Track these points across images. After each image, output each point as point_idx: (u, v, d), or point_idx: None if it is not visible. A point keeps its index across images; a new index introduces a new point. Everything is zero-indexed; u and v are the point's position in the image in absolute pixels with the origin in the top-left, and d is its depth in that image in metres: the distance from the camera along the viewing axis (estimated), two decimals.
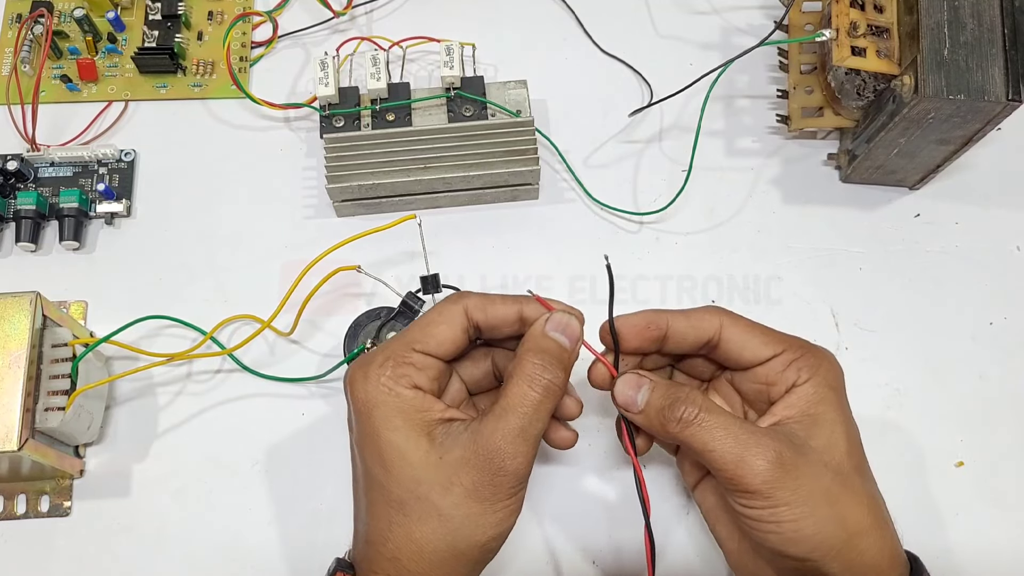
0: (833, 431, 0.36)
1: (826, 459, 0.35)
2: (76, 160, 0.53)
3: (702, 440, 0.35)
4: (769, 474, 0.34)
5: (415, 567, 0.34)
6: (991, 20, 0.44)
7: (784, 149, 0.55)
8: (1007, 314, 0.51)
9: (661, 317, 0.38)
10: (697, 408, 0.35)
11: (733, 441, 0.34)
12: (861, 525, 0.35)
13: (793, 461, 0.34)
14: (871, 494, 0.36)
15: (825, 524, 0.34)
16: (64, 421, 0.42)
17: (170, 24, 0.57)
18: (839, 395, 0.37)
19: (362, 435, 0.36)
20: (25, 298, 0.42)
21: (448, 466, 0.34)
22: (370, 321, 0.45)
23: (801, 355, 0.37)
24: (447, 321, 0.37)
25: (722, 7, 0.59)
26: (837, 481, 0.35)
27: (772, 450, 0.34)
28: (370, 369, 0.36)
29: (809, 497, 0.34)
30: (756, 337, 0.38)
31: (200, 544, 0.45)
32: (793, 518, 0.34)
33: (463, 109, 0.54)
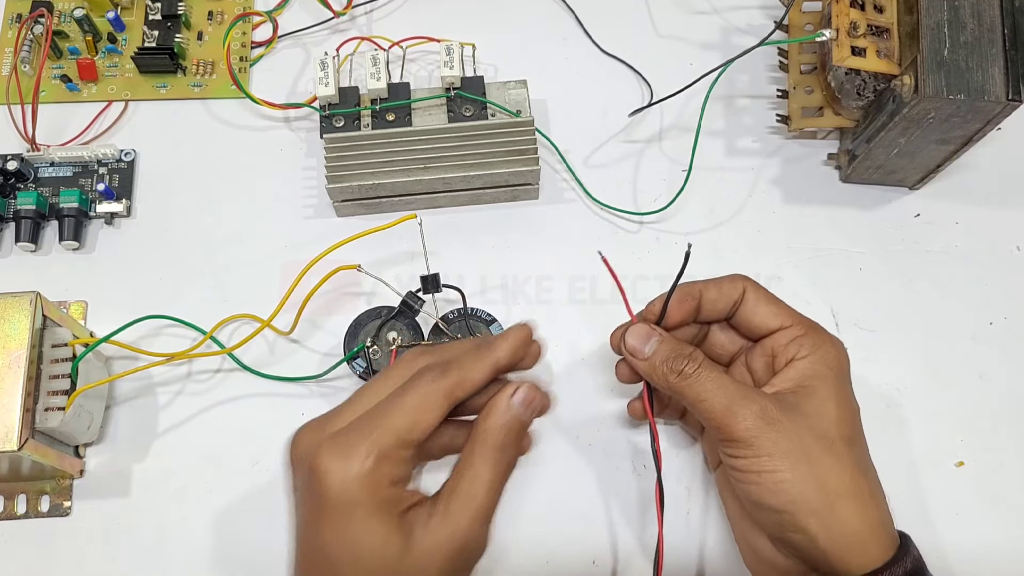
0: (823, 403, 0.38)
1: (812, 424, 0.37)
2: (76, 160, 0.53)
3: (696, 392, 0.37)
4: (752, 423, 0.36)
5: None
6: (991, 20, 0.44)
7: (784, 149, 0.55)
8: (1007, 314, 0.51)
9: (694, 288, 0.41)
10: (697, 364, 0.38)
11: (723, 394, 0.37)
12: (842, 489, 0.36)
13: (777, 417, 0.36)
14: (858, 464, 0.37)
15: (804, 480, 0.36)
16: (64, 421, 0.42)
17: (170, 24, 0.57)
18: (836, 375, 0.39)
19: (329, 526, 0.33)
20: (25, 298, 0.42)
21: (421, 557, 0.33)
22: (370, 320, 0.45)
23: (805, 332, 0.39)
24: (432, 409, 0.34)
25: (722, 7, 0.59)
26: (821, 444, 0.36)
27: (757, 404, 0.37)
28: (352, 461, 0.33)
29: (790, 452, 0.36)
30: (769, 307, 0.40)
31: (200, 544, 0.45)
32: (772, 468, 0.36)
33: (463, 109, 0.54)
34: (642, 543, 0.45)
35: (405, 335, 0.45)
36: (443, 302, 0.45)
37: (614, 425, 0.48)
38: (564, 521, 0.46)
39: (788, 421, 0.36)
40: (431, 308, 0.44)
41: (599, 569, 0.45)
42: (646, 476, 0.46)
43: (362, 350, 0.44)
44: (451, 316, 0.45)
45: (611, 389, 0.49)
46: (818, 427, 0.37)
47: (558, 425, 0.48)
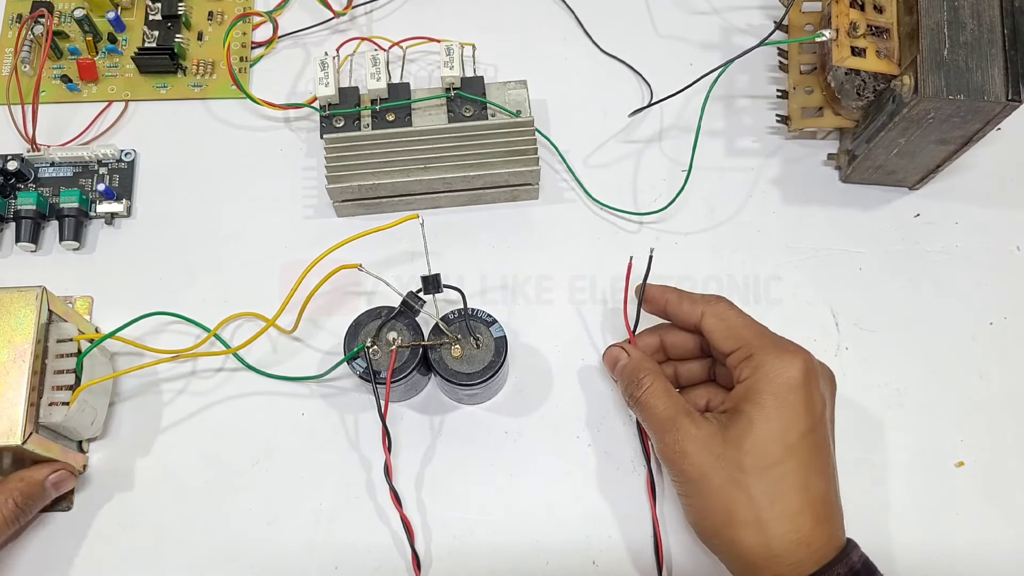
0: (741, 428, 0.39)
1: (722, 452, 0.39)
2: (76, 160, 0.53)
3: (640, 415, 0.43)
4: (667, 456, 0.40)
5: None
6: (991, 20, 0.44)
7: (784, 149, 0.55)
8: (1007, 314, 0.51)
9: (662, 294, 0.45)
10: (642, 390, 0.42)
11: (654, 423, 0.41)
12: (733, 517, 0.38)
13: (683, 448, 0.40)
14: (765, 495, 0.38)
15: (700, 506, 0.40)
16: (68, 416, 0.42)
17: (170, 24, 0.57)
18: (773, 397, 0.39)
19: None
20: (31, 293, 0.42)
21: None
22: (370, 320, 0.45)
23: (751, 355, 0.41)
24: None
25: (722, 7, 0.59)
26: (721, 475, 0.39)
27: (669, 434, 0.40)
28: None
29: (692, 481, 0.40)
30: (723, 328, 0.42)
31: (200, 542, 0.45)
32: (683, 493, 0.41)
33: (463, 109, 0.54)
34: (643, 544, 0.45)
35: (405, 335, 0.45)
36: (443, 302, 0.45)
37: (614, 426, 0.48)
38: (564, 521, 0.46)
39: (696, 449, 0.39)
40: (431, 308, 0.44)
41: (599, 569, 0.45)
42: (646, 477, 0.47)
43: (362, 350, 0.44)
44: (451, 316, 0.45)
45: (610, 390, 0.49)
46: (728, 457, 0.39)
47: (558, 425, 0.48)
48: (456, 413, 0.48)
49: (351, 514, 0.46)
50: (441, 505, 0.46)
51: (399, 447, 0.47)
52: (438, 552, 0.45)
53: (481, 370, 0.44)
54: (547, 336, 0.50)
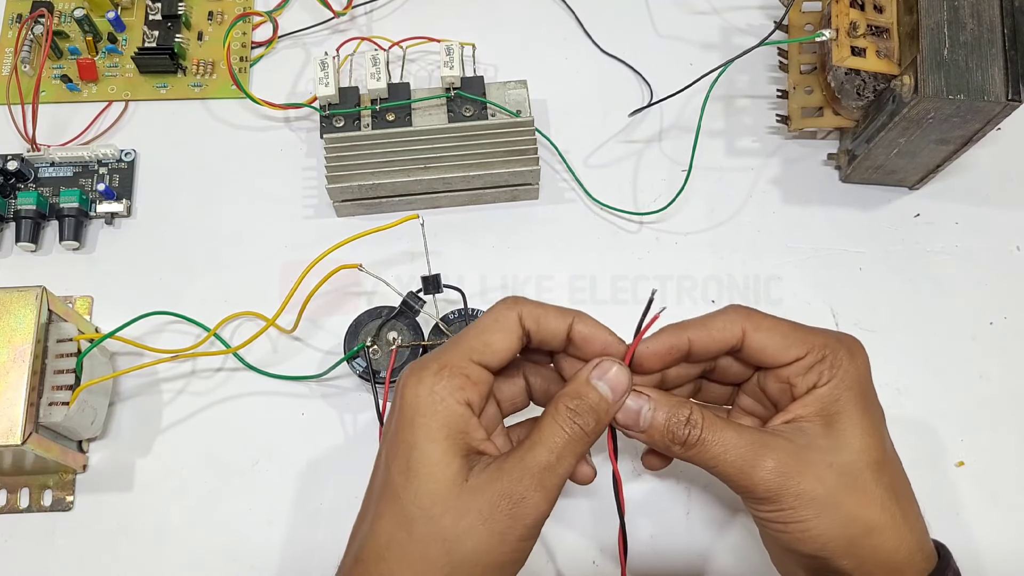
0: (845, 431, 0.36)
1: (832, 459, 0.35)
2: (76, 160, 0.53)
3: (705, 459, 0.35)
4: (772, 483, 0.34)
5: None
6: (991, 20, 0.44)
7: (784, 149, 0.55)
8: (1007, 314, 0.51)
9: (681, 337, 0.37)
10: (699, 430, 0.35)
11: (734, 455, 0.35)
12: (871, 524, 0.35)
13: (794, 468, 0.35)
14: (888, 489, 0.36)
15: (831, 524, 0.34)
16: (68, 416, 0.42)
17: (170, 24, 0.57)
18: (858, 393, 0.37)
19: (396, 440, 0.34)
20: (31, 292, 0.42)
21: (469, 491, 0.33)
22: (370, 320, 0.45)
23: (822, 357, 0.37)
24: (504, 329, 0.35)
25: (722, 7, 0.59)
26: (844, 482, 0.35)
27: (771, 459, 0.35)
28: (424, 374, 0.34)
29: (813, 500, 0.34)
30: (778, 339, 0.37)
31: (200, 542, 0.45)
32: (798, 519, 0.34)
33: (463, 109, 0.54)
34: (643, 543, 0.45)
35: (405, 335, 0.45)
36: (443, 302, 0.45)
37: None
38: (564, 521, 0.46)
39: (806, 468, 0.35)
40: (431, 308, 0.44)
41: (599, 569, 0.45)
42: (647, 477, 0.47)
43: (362, 350, 0.44)
44: (451, 316, 0.45)
45: None
46: (839, 462, 0.35)
47: None
48: None
49: (351, 514, 0.46)
50: None
51: None
52: None
53: None
54: None
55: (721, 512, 0.46)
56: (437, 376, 0.34)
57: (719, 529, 0.46)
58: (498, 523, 0.33)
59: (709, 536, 0.46)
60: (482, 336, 0.35)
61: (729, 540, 0.46)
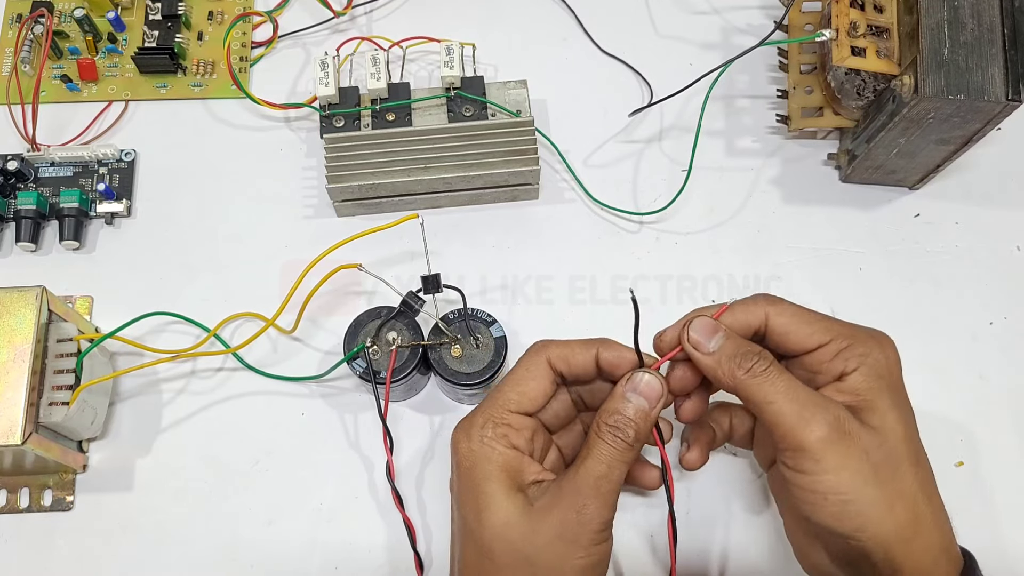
0: (887, 417, 0.35)
1: (880, 442, 0.35)
2: (76, 160, 0.53)
3: (765, 392, 0.35)
4: (825, 433, 0.34)
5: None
6: (991, 20, 0.44)
7: (784, 149, 0.55)
8: (1007, 314, 0.51)
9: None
10: (767, 362, 0.36)
11: (795, 397, 0.35)
12: (907, 518, 0.34)
13: (853, 430, 0.34)
14: (923, 487, 0.35)
15: (872, 505, 0.34)
16: (68, 416, 0.42)
17: (170, 24, 0.57)
18: (890, 383, 0.36)
19: (463, 489, 0.38)
20: (31, 292, 0.42)
21: (537, 513, 0.36)
22: (370, 320, 0.45)
23: (848, 344, 0.37)
24: (536, 377, 0.39)
25: (722, 7, 0.59)
26: (888, 467, 0.34)
27: (832, 413, 0.34)
28: (472, 430, 0.38)
29: (858, 472, 0.34)
30: (802, 326, 0.38)
31: (200, 542, 0.45)
32: (838, 490, 0.34)
33: (463, 109, 0.54)
34: (643, 543, 0.45)
35: (405, 335, 0.45)
36: (443, 302, 0.45)
37: None
38: None
39: (861, 438, 0.34)
40: (431, 308, 0.44)
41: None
42: None
43: (362, 350, 0.44)
44: (451, 316, 0.45)
45: None
46: (885, 446, 0.34)
47: None
48: (456, 413, 0.48)
49: (351, 514, 0.46)
50: (441, 505, 0.46)
51: (399, 447, 0.47)
52: (438, 553, 0.45)
53: (481, 370, 0.44)
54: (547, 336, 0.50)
55: (721, 512, 0.46)
56: (483, 429, 0.38)
57: (719, 528, 0.46)
58: (569, 533, 0.35)
59: (709, 536, 0.46)
60: (517, 387, 0.39)
61: (729, 540, 0.45)
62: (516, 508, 0.36)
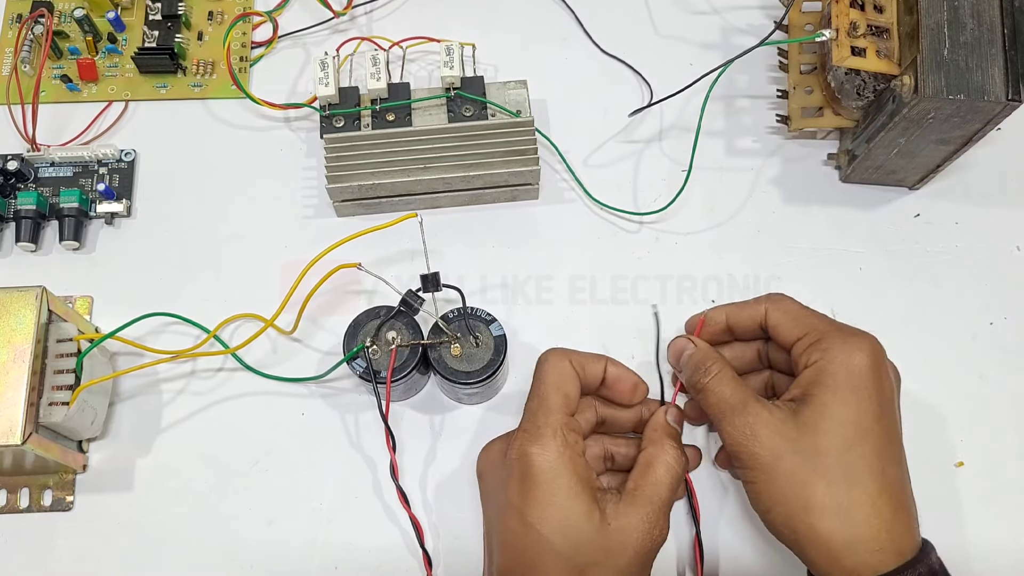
0: (816, 411, 0.38)
1: (797, 436, 0.38)
2: (76, 160, 0.53)
3: (705, 405, 0.41)
4: (735, 439, 0.39)
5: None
6: (991, 20, 0.44)
7: (784, 149, 0.55)
8: (1007, 314, 0.51)
9: (720, 313, 0.45)
10: (709, 377, 0.41)
11: (721, 407, 0.40)
12: (810, 502, 0.37)
13: (759, 432, 0.39)
14: (843, 477, 0.37)
15: (773, 492, 0.38)
16: (68, 416, 0.42)
17: (170, 24, 0.57)
18: (842, 379, 0.39)
19: (538, 503, 0.38)
20: (31, 293, 0.42)
21: (617, 532, 0.38)
22: (369, 320, 0.45)
23: (819, 339, 0.40)
24: (570, 379, 0.41)
25: (722, 7, 0.59)
26: (797, 459, 0.38)
27: (740, 417, 0.39)
28: (545, 441, 0.38)
29: (764, 465, 0.38)
30: (788, 319, 0.42)
31: (200, 542, 0.45)
32: (750, 479, 0.39)
33: (463, 109, 0.54)
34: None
35: (404, 335, 0.45)
36: (443, 302, 0.45)
37: None
38: None
39: (770, 435, 0.38)
40: (431, 307, 0.44)
41: None
42: None
43: (362, 350, 0.44)
44: (451, 315, 0.45)
45: None
46: (802, 440, 0.38)
47: None
48: (456, 413, 0.48)
49: (351, 514, 0.46)
50: (443, 504, 0.46)
51: (399, 447, 0.47)
52: (445, 551, 0.45)
53: (481, 369, 0.44)
54: (547, 336, 0.50)
55: (721, 512, 0.46)
56: (555, 439, 0.39)
57: (719, 528, 0.46)
58: (648, 554, 0.39)
59: (709, 536, 0.45)
60: (561, 390, 0.40)
61: (729, 540, 0.45)
62: (597, 525, 0.38)
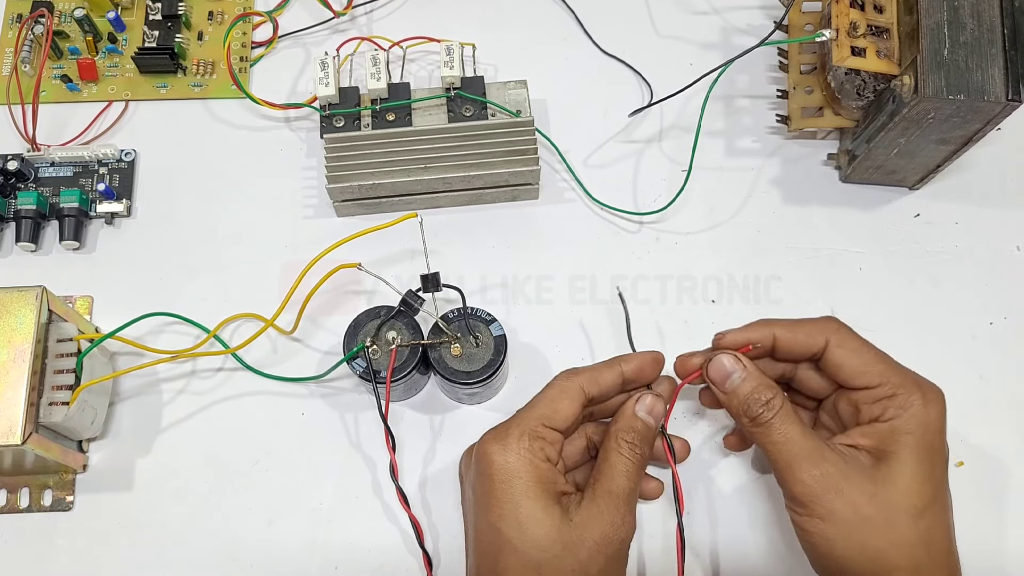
0: (894, 470, 0.37)
1: (876, 491, 0.37)
2: (76, 160, 0.53)
3: (765, 442, 0.39)
4: (811, 489, 0.37)
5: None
6: (991, 20, 0.44)
7: (784, 149, 0.55)
8: (1007, 314, 0.51)
9: (767, 333, 0.41)
10: (772, 412, 0.39)
11: (788, 450, 0.38)
12: (893, 564, 0.36)
13: (837, 485, 0.37)
14: (921, 539, 0.37)
15: (852, 550, 0.37)
16: (68, 416, 0.42)
17: (170, 24, 0.57)
18: (920, 439, 0.38)
19: (496, 502, 0.38)
20: (31, 292, 0.42)
21: (578, 527, 0.38)
22: (370, 320, 0.45)
23: (894, 394, 0.39)
24: (568, 397, 0.40)
25: (722, 7, 0.59)
26: (878, 517, 0.37)
27: (819, 468, 0.37)
28: (508, 442, 0.39)
29: (843, 521, 0.37)
30: (856, 361, 0.40)
31: (200, 542, 0.45)
32: (823, 533, 0.37)
33: (463, 109, 0.54)
34: (642, 543, 0.45)
35: (405, 334, 0.45)
36: (443, 302, 0.45)
37: None
38: None
39: (848, 489, 0.37)
40: (431, 307, 0.44)
41: None
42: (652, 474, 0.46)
43: (362, 350, 0.44)
44: (451, 315, 0.45)
45: None
46: (881, 495, 0.37)
47: None
48: (456, 413, 0.48)
49: (351, 514, 0.46)
50: (443, 505, 0.46)
51: (399, 447, 0.47)
52: (445, 551, 0.45)
53: (481, 369, 0.44)
54: (547, 336, 0.50)
55: (721, 512, 0.46)
56: (520, 441, 0.39)
57: (718, 529, 0.46)
58: (610, 546, 0.38)
59: (709, 535, 0.46)
60: (551, 404, 0.40)
61: (728, 540, 0.45)
62: (556, 522, 0.38)
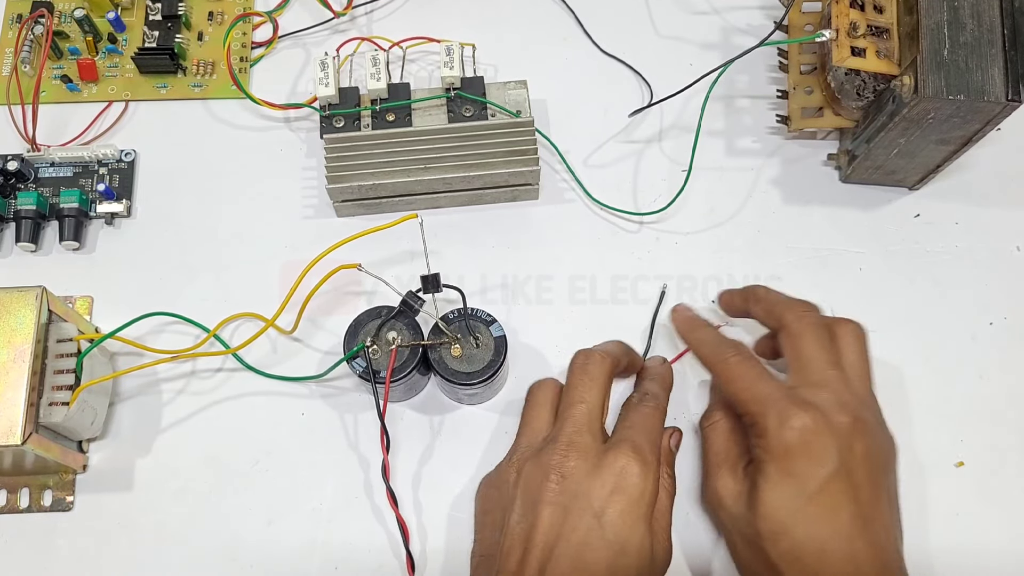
0: (755, 495, 0.39)
1: (741, 514, 0.40)
2: (76, 160, 0.53)
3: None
4: (709, 497, 0.43)
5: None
6: (991, 20, 0.44)
7: (784, 149, 0.55)
8: (1007, 314, 0.51)
9: (757, 292, 0.46)
10: (711, 421, 0.44)
11: (705, 458, 0.44)
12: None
13: (726, 502, 0.41)
14: (783, 559, 0.38)
15: (734, 558, 0.42)
16: (68, 416, 0.42)
17: (170, 24, 0.57)
18: (772, 464, 0.39)
19: (629, 519, 0.39)
20: (31, 293, 0.42)
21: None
22: (370, 320, 0.45)
23: (754, 423, 0.40)
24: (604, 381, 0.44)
25: (722, 7, 0.59)
26: (741, 537, 0.41)
27: (718, 480, 0.42)
28: (650, 457, 0.41)
29: (727, 536, 0.43)
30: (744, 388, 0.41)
31: (200, 542, 0.45)
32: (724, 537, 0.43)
33: (463, 109, 0.54)
34: None
35: (405, 335, 0.45)
36: (443, 302, 0.45)
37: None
38: None
39: (730, 506, 0.41)
40: (431, 308, 0.44)
41: None
42: None
43: (362, 350, 0.44)
44: (451, 316, 0.45)
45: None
46: (747, 518, 0.40)
47: None
48: (456, 413, 0.48)
49: (351, 514, 0.46)
50: (440, 505, 0.46)
51: (398, 447, 0.47)
52: (436, 552, 0.45)
53: (481, 369, 0.44)
54: (547, 336, 0.50)
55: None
56: (660, 466, 0.42)
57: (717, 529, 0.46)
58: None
59: (709, 536, 0.46)
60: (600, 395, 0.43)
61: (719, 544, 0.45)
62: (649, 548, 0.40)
